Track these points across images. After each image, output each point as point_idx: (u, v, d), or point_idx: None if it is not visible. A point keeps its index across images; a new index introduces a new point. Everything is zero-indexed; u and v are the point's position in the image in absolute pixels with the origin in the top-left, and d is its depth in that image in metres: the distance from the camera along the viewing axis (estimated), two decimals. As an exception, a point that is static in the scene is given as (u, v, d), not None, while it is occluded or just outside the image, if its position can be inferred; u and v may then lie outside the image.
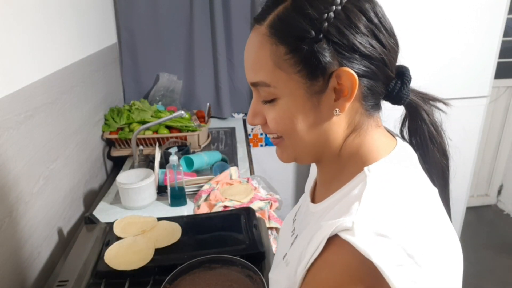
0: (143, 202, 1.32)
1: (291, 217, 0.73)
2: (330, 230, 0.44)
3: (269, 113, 0.53)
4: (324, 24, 0.46)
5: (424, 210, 0.48)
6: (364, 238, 0.41)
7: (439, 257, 0.45)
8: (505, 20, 1.98)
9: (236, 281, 0.86)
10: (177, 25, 2.02)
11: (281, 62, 0.48)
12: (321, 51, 0.46)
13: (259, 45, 0.50)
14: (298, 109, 0.50)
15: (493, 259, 2.39)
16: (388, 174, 0.50)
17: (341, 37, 0.46)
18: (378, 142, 0.54)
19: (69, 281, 0.93)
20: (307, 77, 0.48)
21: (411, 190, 0.49)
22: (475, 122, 2.16)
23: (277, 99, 0.51)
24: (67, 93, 1.29)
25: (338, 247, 0.43)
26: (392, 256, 0.41)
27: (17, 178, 0.97)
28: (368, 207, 0.45)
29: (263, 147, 2.44)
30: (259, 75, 0.51)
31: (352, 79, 0.47)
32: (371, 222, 0.43)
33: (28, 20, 1.07)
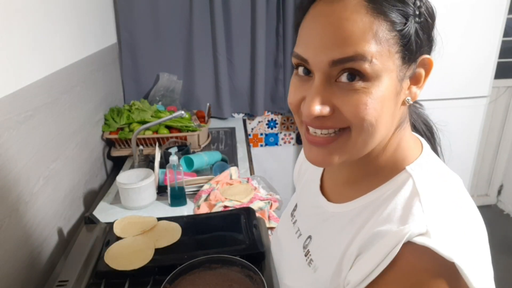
0: (143, 202, 1.32)
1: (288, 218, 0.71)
2: (401, 236, 0.42)
3: (352, 97, 0.45)
4: (421, 8, 0.45)
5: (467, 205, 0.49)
6: (442, 241, 0.41)
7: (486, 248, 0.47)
8: (505, 20, 1.98)
9: (236, 281, 0.86)
10: (177, 25, 2.02)
11: (383, 38, 0.44)
12: (420, 34, 0.45)
13: (356, 16, 0.44)
14: (387, 92, 0.46)
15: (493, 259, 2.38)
16: (429, 172, 0.50)
17: (427, 22, 0.46)
18: (411, 139, 0.54)
19: (69, 281, 0.92)
20: (402, 59, 0.45)
21: (452, 185, 0.50)
22: (475, 122, 2.16)
23: (368, 80, 0.45)
24: (67, 93, 1.29)
25: (415, 254, 0.42)
26: (468, 255, 0.41)
27: (17, 178, 0.97)
28: (432, 208, 0.45)
29: (263, 147, 2.44)
30: (357, 47, 0.43)
31: (430, 68, 0.47)
32: (441, 223, 0.43)
33: (28, 20, 1.07)
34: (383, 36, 0.44)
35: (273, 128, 2.40)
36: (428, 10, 0.46)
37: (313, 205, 0.63)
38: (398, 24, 0.44)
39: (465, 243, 0.43)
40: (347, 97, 0.45)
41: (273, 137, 2.42)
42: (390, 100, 0.46)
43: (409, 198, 0.47)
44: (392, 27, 0.44)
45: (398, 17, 0.44)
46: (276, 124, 2.39)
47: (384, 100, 0.46)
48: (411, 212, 0.45)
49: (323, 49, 0.45)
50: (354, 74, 0.45)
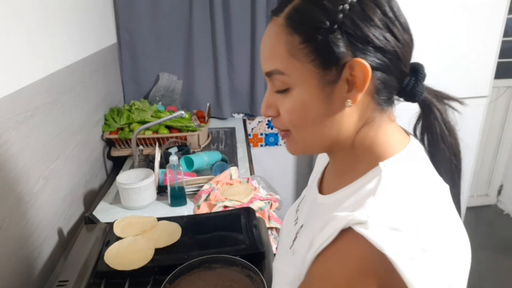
0: (143, 202, 1.32)
1: (294, 207, 0.74)
2: (344, 222, 0.45)
3: (283, 104, 0.53)
4: (339, 15, 0.47)
5: (437, 207, 0.49)
6: (377, 232, 0.42)
7: (450, 252, 0.46)
8: (505, 20, 1.98)
9: (236, 281, 0.86)
10: (177, 25, 2.02)
11: (296, 51, 0.49)
12: (335, 41, 0.47)
13: (275, 35, 0.51)
14: (311, 99, 0.51)
15: (493, 259, 2.39)
16: (402, 170, 0.51)
17: (355, 29, 0.47)
18: (392, 137, 0.54)
19: (69, 281, 0.93)
20: (320, 66, 0.49)
21: (425, 186, 0.50)
22: (475, 122, 2.16)
23: (291, 89, 0.52)
24: (67, 93, 1.29)
25: (351, 239, 0.44)
26: (405, 249, 0.42)
27: (17, 178, 0.97)
28: (383, 202, 0.46)
29: (263, 147, 2.44)
30: (273, 63, 0.52)
31: (364, 70, 0.48)
32: (385, 216, 0.44)
33: (28, 20, 1.07)
34: (296, 49, 0.49)
35: (273, 128, 2.40)
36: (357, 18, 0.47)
37: (311, 197, 0.67)
38: (308, 36, 0.48)
39: (411, 241, 0.43)
40: (282, 103, 0.54)
41: (273, 137, 2.42)
42: (316, 104, 0.51)
43: (369, 191, 0.48)
44: (302, 40, 0.49)
45: (306, 30, 0.48)
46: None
47: (306, 106, 0.51)
48: (363, 203, 0.47)
49: (262, 61, 0.55)
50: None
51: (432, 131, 0.57)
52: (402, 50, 0.50)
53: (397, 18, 0.50)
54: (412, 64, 0.54)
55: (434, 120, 0.56)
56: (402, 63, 0.51)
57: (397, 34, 0.49)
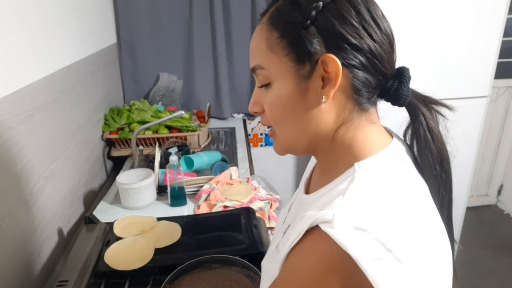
0: (143, 202, 1.32)
1: (287, 208, 0.74)
2: (310, 221, 0.46)
3: (265, 99, 0.56)
4: (313, 12, 0.50)
5: (410, 207, 0.48)
6: (342, 231, 0.43)
7: (423, 253, 0.45)
8: (505, 20, 1.98)
9: (236, 281, 0.86)
10: (177, 25, 2.02)
11: (273, 46, 0.53)
12: (308, 37, 0.50)
13: (258, 33, 0.55)
14: (288, 93, 0.53)
15: (493, 259, 2.39)
16: (377, 170, 0.50)
17: (328, 26, 0.49)
18: (371, 138, 0.54)
19: (69, 281, 0.93)
20: (295, 60, 0.51)
21: (399, 187, 0.49)
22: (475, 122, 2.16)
23: (271, 84, 0.55)
24: (67, 93, 1.29)
25: (316, 238, 0.45)
26: (369, 249, 0.42)
27: (17, 178, 0.97)
28: (350, 202, 0.46)
29: (263, 147, 2.44)
30: (256, 59, 0.56)
31: (336, 65, 0.49)
32: (351, 215, 0.44)
33: (28, 20, 1.07)
34: (273, 45, 0.53)
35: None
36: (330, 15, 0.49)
37: (299, 197, 0.68)
38: (284, 31, 0.52)
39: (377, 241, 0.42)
40: (265, 99, 0.57)
41: (273, 137, 2.42)
42: (292, 99, 0.53)
43: (340, 191, 0.49)
44: (280, 35, 0.52)
45: (282, 26, 0.52)
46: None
47: (283, 99, 0.54)
48: (331, 203, 0.47)
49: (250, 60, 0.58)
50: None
51: (417, 136, 0.56)
52: (379, 49, 0.51)
53: (374, 20, 0.51)
54: (398, 68, 0.54)
55: (419, 126, 0.55)
56: (381, 64, 0.51)
57: (372, 34, 0.50)
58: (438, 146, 0.56)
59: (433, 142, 0.55)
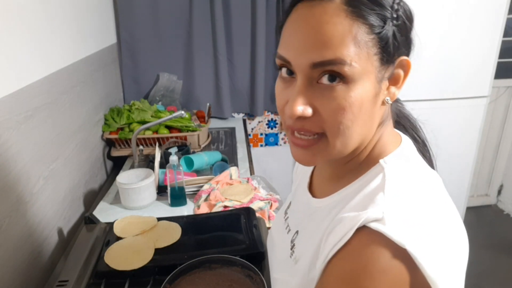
0: (143, 202, 1.32)
1: (282, 215, 0.73)
2: (357, 221, 0.44)
3: (332, 100, 0.46)
4: (399, 11, 0.47)
5: (438, 200, 0.49)
6: (395, 227, 0.42)
7: (454, 244, 0.47)
8: (505, 20, 1.98)
9: (236, 281, 0.86)
10: (177, 25, 2.02)
11: (363, 41, 0.45)
12: (397, 36, 0.47)
13: (335, 20, 0.45)
14: (367, 95, 0.47)
15: (493, 259, 2.39)
16: (402, 166, 0.51)
17: (405, 25, 0.48)
18: (390, 135, 0.55)
19: (69, 281, 0.92)
20: (381, 60, 0.47)
21: (425, 181, 0.51)
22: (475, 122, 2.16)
23: (347, 83, 0.46)
24: (67, 93, 1.29)
25: (368, 237, 0.43)
26: (423, 244, 0.42)
27: (17, 178, 0.97)
28: (394, 198, 0.46)
29: (263, 147, 2.44)
30: (336, 51, 0.45)
31: (408, 68, 0.49)
32: (400, 212, 0.44)
33: (28, 20, 1.07)
34: (362, 39, 0.45)
35: (273, 128, 2.40)
36: (406, 13, 0.48)
37: (302, 202, 0.66)
38: (376, 27, 0.45)
39: (425, 234, 0.43)
40: (328, 100, 0.47)
41: (273, 137, 2.42)
42: (369, 101, 0.48)
43: (376, 188, 0.48)
44: (371, 30, 0.45)
45: (376, 20, 0.45)
46: (276, 124, 2.39)
47: (362, 102, 0.47)
48: (373, 200, 0.46)
49: (304, 51, 0.47)
50: (334, 76, 0.46)
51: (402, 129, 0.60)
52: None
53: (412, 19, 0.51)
54: None
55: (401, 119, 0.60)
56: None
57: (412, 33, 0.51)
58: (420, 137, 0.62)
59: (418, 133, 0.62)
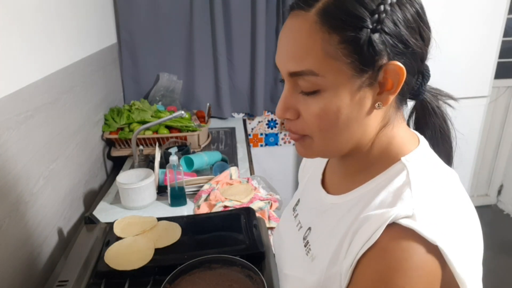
0: (143, 202, 1.32)
1: (290, 213, 0.73)
2: (388, 218, 0.44)
3: (308, 107, 0.50)
4: (382, 15, 0.45)
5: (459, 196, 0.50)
6: (427, 224, 0.42)
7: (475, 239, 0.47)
8: (505, 20, 1.99)
9: (236, 281, 0.86)
10: (177, 25, 2.02)
11: (333, 51, 0.46)
12: (377, 43, 0.46)
13: (306, 33, 0.47)
14: (344, 102, 0.48)
15: (493, 259, 2.39)
16: (424, 163, 0.51)
17: (395, 30, 0.46)
18: (406, 134, 0.55)
19: (69, 281, 0.92)
20: (358, 67, 0.47)
21: (446, 177, 0.51)
22: (475, 122, 2.16)
23: (321, 91, 0.48)
24: (67, 93, 1.29)
25: (400, 234, 0.43)
26: (453, 240, 0.42)
27: (17, 178, 0.97)
28: (422, 194, 0.46)
29: (263, 147, 2.44)
30: (306, 63, 0.47)
31: (401, 73, 0.47)
32: (430, 208, 0.44)
33: (28, 20, 1.07)
34: (334, 49, 0.46)
35: (273, 128, 2.40)
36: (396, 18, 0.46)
37: (314, 199, 0.65)
38: (347, 36, 0.45)
39: (453, 231, 0.43)
40: (307, 106, 0.50)
41: (273, 137, 2.42)
42: (349, 107, 0.49)
43: (402, 185, 0.48)
44: (342, 39, 0.46)
45: (347, 30, 0.45)
46: (276, 124, 2.39)
47: (339, 109, 0.48)
48: (400, 197, 0.46)
49: (283, 61, 0.50)
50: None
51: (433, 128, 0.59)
52: (426, 51, 0.51)
53: (425, 18, 0.50)
54: None
55: (434, 116, 0.58)
56: (423, 64, 0.52)
57: (424, 36, 0.49)
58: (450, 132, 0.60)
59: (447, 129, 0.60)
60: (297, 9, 0.49)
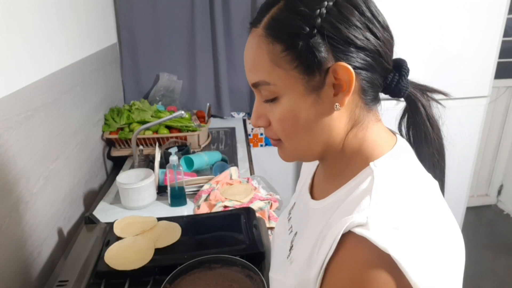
0: (143, 202, 1.32)
1: (285, 216, 0.73)
2: (343, 226, 0.44)
3: (273, 114, 0.53)
4: (317, 20, 0.47)
5: (430, 203, 0.49)
6: (379, 232, 0.42)
7: (447, 248, 0.46)
8: (505, 20, 1.98)
9: (236, 281, 0.86)
10: (177, 25, 2.02)
11: (278, 60, 0.49)
12: (316, 46, 0.47)
13: (256, 46, 0.51)
14: (299, 106, 0.51)
15: (493, 259, 2.39)
16: (393, 168, 0.51)
17: (335, 32, 0.47)
18: (379, 137, 0.54)
19: (69, 281, 0.93)
20: (304, 72, 0.49)
21: (417, 184, 0.50)
22: (475, 122, 2.16)
23: (279, 98, 0.51)
24: (67, 93, 1.29)
25: (353, 244, 0.43)
26: (408, 248, 0.41)
27: (17, 178, 0.97)
28: (379, 202, 0.46)
29: (263, 147, 2.44)
30: (258, 74, 0.52)
31: (348, 73, 0.48)
32: (385, 216, 0.44)
33: (28, 20, 1.07)
34: (278, 58, 0.49)
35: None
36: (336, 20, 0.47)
37: (302, 203, 0.66)
38: (289, 43, 0.48)
39: (412, 239, 0.42)
40: (272, 113, 0.53)
41: (273, 137, 2.42)
42: (306, 110, 0.51)
43: (363, 192, 0.48)
44: (283, 48, 0.49)
45: (287, 38, 0.48)
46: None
47: (295, 113, 0.51)
48: (359, 205, 0.46)
49: (246, 73, 0.55)
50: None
51: (417, 127, 0.58)
52: (383, 47, 0.50)
53: (375, 17, 0.50)
54: (395, 60, 0.54)
55: (419, 116, 0.57)
56: (385, 60, 0.51)
57: (376, 33, 0.50)
58: (437, 135, 0.58)
59: (433, 131, 0.58)
60: (252, 26, 0.53)
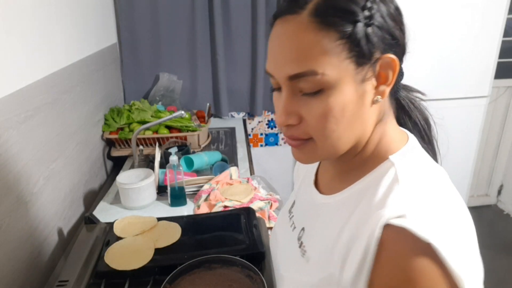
0: (143, 202, 1.32)
1: (285, 214, 0.73)
2: (379, 220, 0.45)
3: (312, 108, 0.49)
4: (372, 10, 0.47)
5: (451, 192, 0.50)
6: (418, 222, 0.43)
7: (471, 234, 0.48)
8: (505, 20, 1.99)
9: (236, 281, 0.86)
10: (177, 25, 2.02)
11: (332, 48, 0.46)
12: (372, 37, 0.47)
13: (302, 34, 0.47)
14: (349, 99, 0.48)
15: (493, 259, 2.39)
16: (413, 161, 0.52)
17: (384, 23, 0.48)
18: (395, 132, 0.56)
19: (69, 281, 0.92)
20: (356, 63, 0.47)
21: (436, 174, 0.52)
22: (475, 122, 2.16)
23: (325, 90, 0.48)
24: (67, 93, 1.29)
25: (394, 235, 0.43)
26: (444, 236, 0.42)
27: (17, 178, 0.97)
28: (411, 192, 0.47)
29: (263, 147, 2.44)
30: (304, 64, 0.47)
31: (394, 65, 0.49)
32: (420, 206, 0.45)
33: (28, 20, 1.07)
34: (331, 47, 0.46)
35: (273, 128, 2.40)
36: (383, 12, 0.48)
37: (308, 199, 0.66)
38: (344, 31, 0.46)
39: (445, 227, 0.44)
40: (310, 107, 0.49)
41: (273, 137, 2.42)
42: (353, 103, 0.49)
43: (390, 184, 0.49)
44: (339, 36, 0.46)
45: (343, 25, 0.46)
46: (276, 124, 2.39)
47: (344, 106, 0.48)
48: (390, 197, 0.47)
49: (280, 65, 0.50)
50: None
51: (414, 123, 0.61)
52: (406, 42, 0.52)
53: (401, 14, 0.51)
54: None
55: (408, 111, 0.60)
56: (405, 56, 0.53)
57: (403, 28, 0.51)
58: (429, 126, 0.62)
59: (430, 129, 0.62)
60: (286, 14, 0.49)
